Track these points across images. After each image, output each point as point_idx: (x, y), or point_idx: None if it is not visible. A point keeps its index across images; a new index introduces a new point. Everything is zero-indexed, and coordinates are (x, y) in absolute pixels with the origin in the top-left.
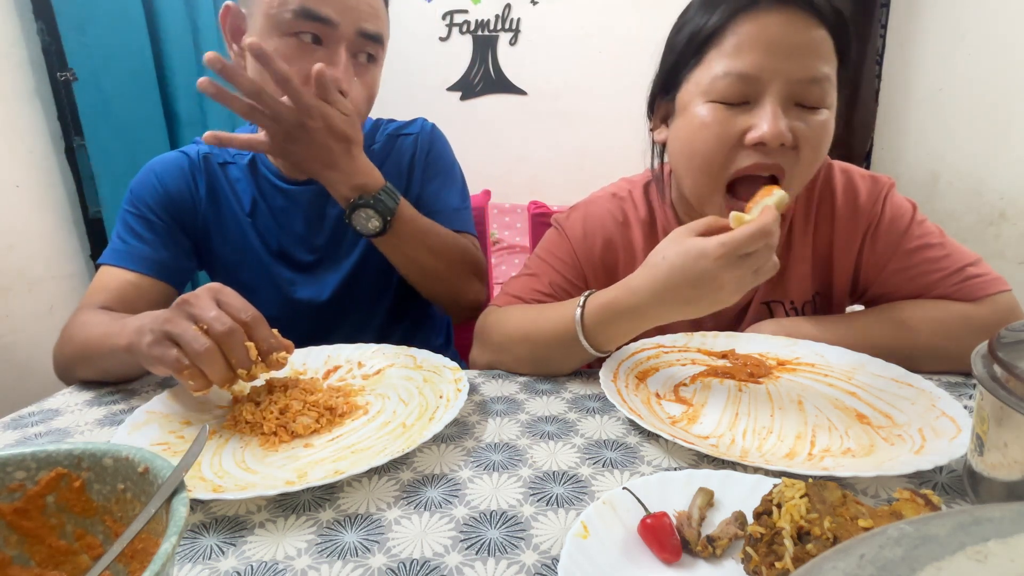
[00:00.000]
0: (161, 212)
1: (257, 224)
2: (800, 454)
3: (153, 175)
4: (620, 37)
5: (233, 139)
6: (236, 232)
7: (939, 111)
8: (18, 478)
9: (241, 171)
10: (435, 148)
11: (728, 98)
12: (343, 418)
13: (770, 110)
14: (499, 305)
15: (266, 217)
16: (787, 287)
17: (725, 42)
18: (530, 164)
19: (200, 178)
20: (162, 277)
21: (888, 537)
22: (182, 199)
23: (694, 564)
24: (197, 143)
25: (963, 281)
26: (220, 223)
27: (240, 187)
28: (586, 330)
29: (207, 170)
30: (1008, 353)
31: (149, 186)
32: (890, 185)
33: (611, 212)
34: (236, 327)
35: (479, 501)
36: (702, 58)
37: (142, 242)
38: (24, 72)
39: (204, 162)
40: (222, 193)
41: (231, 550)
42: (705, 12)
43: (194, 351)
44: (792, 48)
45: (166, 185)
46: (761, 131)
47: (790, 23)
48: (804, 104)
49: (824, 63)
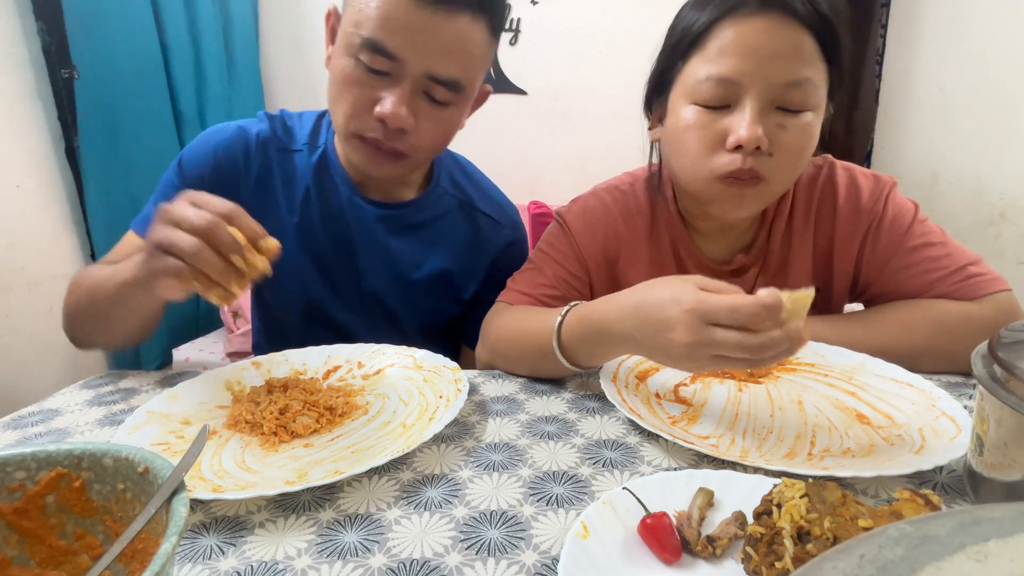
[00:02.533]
0: (199, 186)
1: (302, 221)
2: (800, 454)
3: (208, 147)
4: (620, 37)
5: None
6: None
7: (939, 111)
8: (18, 478)
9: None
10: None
11: (710, 101)
12: (343, 418)
13: (748, 115)
14: (504, 301)
15: (314, 219)
16: (786, 282)
17: (708, 46)
18: (530, 164)
19: (254, 161)
20: None
21: (888, 537)
22: (230, 176)
23: (694, 564)
24: (259, 119)
25: (963, 280)
26: (263, 209)
27: (297, 179)
28: (563, 342)
29: (263, 154)
30: (1008, 353)
31: (200, 154)
32: (892, 184)
33: (613, 205)
34: (215, 218)
35: (479, 501)
36: (687, 61)
37: None
38: (24, 72)
39: (263, 145)
40: (272, 181)
41: (231, 550)
42: (692, 15)
43: (183, 251)
44: (772, 52)
45: (218, 157)
46: (738, 135)
47: (771, 27)
48: (786, 107)
49: (806, 66)
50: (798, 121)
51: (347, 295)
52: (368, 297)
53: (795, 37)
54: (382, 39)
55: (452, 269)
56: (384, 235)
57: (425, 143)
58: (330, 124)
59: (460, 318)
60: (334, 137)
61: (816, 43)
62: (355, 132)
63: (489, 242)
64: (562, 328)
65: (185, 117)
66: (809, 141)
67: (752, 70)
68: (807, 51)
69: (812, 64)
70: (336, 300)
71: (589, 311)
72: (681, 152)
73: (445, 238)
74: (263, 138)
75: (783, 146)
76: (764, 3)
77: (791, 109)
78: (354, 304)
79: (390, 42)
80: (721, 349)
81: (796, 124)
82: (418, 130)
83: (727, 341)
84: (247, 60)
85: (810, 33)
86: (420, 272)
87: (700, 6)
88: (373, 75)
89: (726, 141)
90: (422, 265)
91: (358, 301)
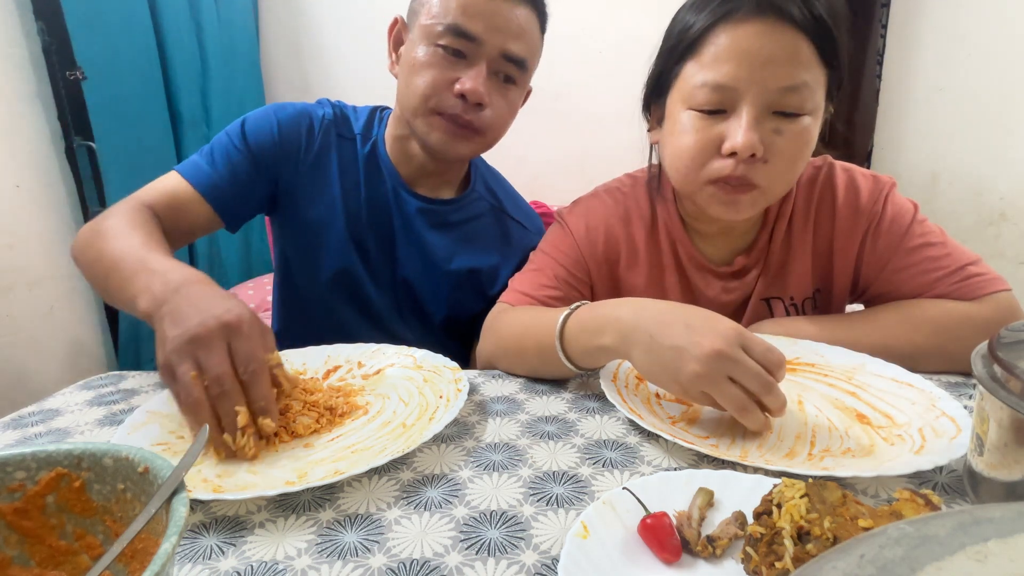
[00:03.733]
0: (259, 154)
1: (350, 204)
2: (800, 454)
3: (274, 116)
4: (620, 37)
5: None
6: (327, 201)
7: (939, 111)
8: (18, 478)
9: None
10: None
11: (705, 107)
12: (343, 418)
13: (744, 121)
14: (505, 302)
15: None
16: (786, 283)
17: (703, 52)
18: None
19: (316, 141)
20: (217, 207)
21: (888, 537)
22: (289, 151)
23: (694, 564)
24: (323, 104)
25: (963, 280)
26: (317, 186)
27: (349, 164)
28: (565, 339)
29: (325, 136)
30: (1008, 353)
31: (265, 124)
32: (891, 185)
33: (614, 207)
34: (231, 390)
35: (479, 501)
36: (683, 66)
37: (217, 170)
38: (24, 72)
39: (326, 129)
40: (329, 163)
41: (231, 550)
42: (689, 17)
43: (183, 401)
44: (768, 57)
45: (282, 131)
46: (733, 142)
47: (766, 32)
48: (783, 112)
49: (802, 71)
50: (795, 126)
51: (381, 279)
52: (401, 284)
53: (790, 41)
54: (465, 23)
55: (481, 267)
56: (422, 228)
57: (496, 121)
58: (383, 120)
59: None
60: (386, 132)
61: (813, 46)
62: (435, 108)
63: (517, 246)
64: (565, 327)
65: (186, 117)
66: (806, 145)
67: (747, 76)
68: (803, 55)
69: (808, 68)
70: (371, 282)
71: (596, 306)
72: (677, 156)
73: (477, 238)
74: (327, 122)
75: (779, 151)
76: (758, 8)
77: (788, 113)
78: (387, 288)
79: (472, 26)
80: (742, 371)
81: (793, 129)
82: (492, 106)
83: (750, 366)
84: (248, 59)
85: (806, 37)
86: (451, 266)
87: (696, 9)
88: (452, 58)
89: (721, 147)
90: (453, 260)
91: (391, 286)
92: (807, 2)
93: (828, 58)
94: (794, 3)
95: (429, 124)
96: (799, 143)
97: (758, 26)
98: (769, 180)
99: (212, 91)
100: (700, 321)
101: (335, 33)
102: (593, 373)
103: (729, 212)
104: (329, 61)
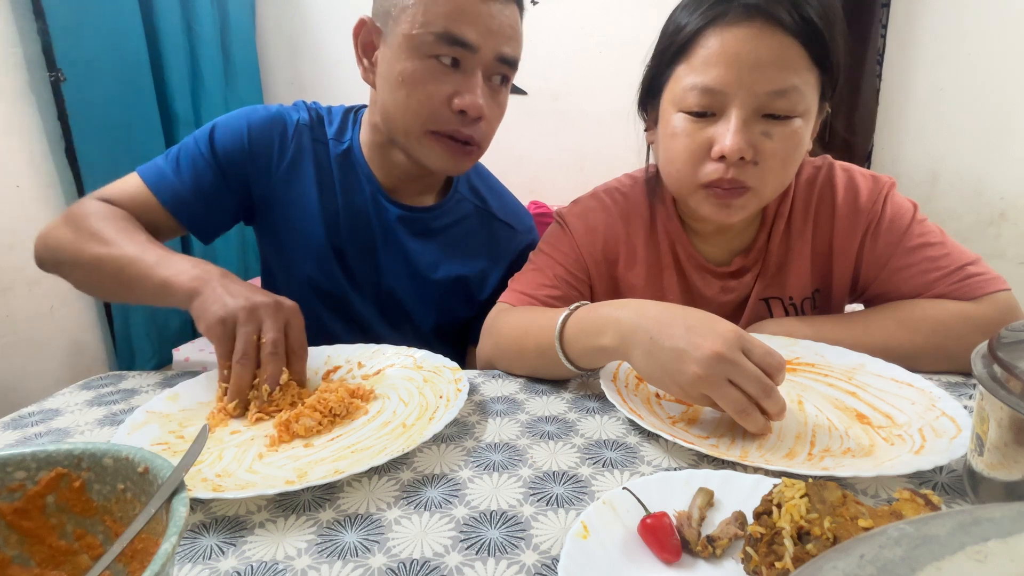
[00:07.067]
0: (227, 164)
1: (328, 210)
2: (800, 454)
3: (245, 122)
4: (620, 37)
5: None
6: (303, 207)
7: (939, 111)
8: (18, 478)
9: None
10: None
11: (695, 109)
12: (343, 418)
13: (732, 125)
14: (505, 302)
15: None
16: (785, 283)
17: (693, 55)
18: (530, 164)
19: (290, 146)
20: (182, 219)
21: (888, 537)
22: (260, 158)
23: (694, 564)
24: (298, 108)
25: (962, 280)
26: (293, 192)
27: (326, 168)
28: (565, 340)
29: (299, 140)
30: (1008, 353)
31: (235, 131)
32: (891, 185)
33: (613, 207)
34: (281, 354)
35: (479, 501)
36: (675, 68)
37: (181, 179)
38: (24, 72)
39: (299, 133)
40: (305, 167)
41: (231, 550)
42: (681, 18)
43: (238, 353)
44: (756, 61)
45: (253, 138)
46: (721, 146)
47: (755, 36)
48: (773, 115)
49: (792, 74)
50: (785, 129)
51: (365, 289)
52: (386, 294)
53: (780, 45)
54: (458, 31)
55: (468, 274)
56: (404, 236)
57: (492, 128)
58: (357, 120)
59: (473, 319)
60: (361, 136)
61: (803, 49)
62: (432, 129)
63: (505, 248)
64: (565, 328)
65: (180, 118)
66: (796, 148)
67: (736, 80)
68: (793, 59)
69: (799, 71)
70: (354, 291)
71: (596, 306)
72: (669, 160)
73: (462, 244)
74: (302, 125)
75: (769, 154)
76: (747, 12)
77: (778, 116)
78: (371, 298)
79: (467, 33)
80: (741, 374)
81: (783, 132)
82: (488, 117)
83: (750, 370)
84: (245, 60)
85: (796, 40)
86: (436, 275)
87: (688, 11)
88: (444, 69)
89: (711, 150)
90: (439, 269)
91: (375, 297)
92: (797, 5)
93: (820, 60)
94: (783, 7)
95: (427, 147)
96: (789, 145)
97: (747, 30)
98: (761, 182)
99: (208, 92)
100: (700, 323)
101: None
102: (593, 373)
103: (722, 215)
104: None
